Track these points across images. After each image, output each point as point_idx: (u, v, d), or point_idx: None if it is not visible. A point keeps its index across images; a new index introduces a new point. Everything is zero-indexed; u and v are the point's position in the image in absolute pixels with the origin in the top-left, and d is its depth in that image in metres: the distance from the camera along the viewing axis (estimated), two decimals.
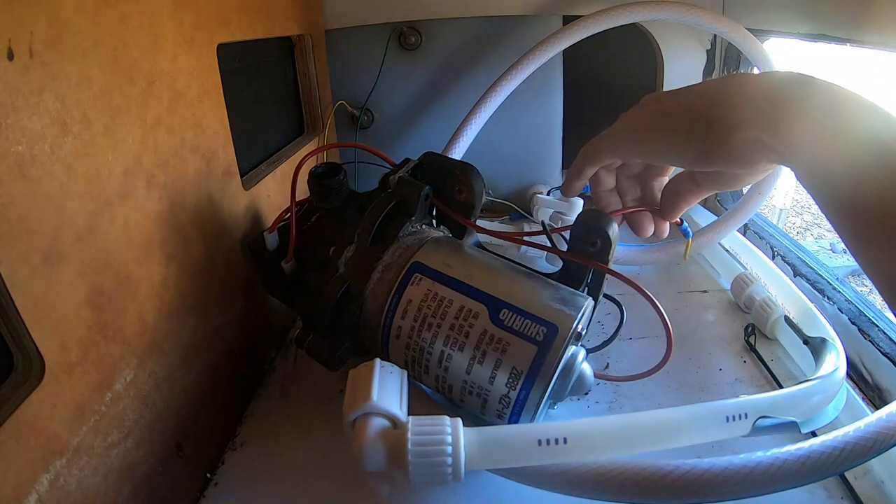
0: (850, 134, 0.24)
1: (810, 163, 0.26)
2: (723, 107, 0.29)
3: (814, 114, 0.26)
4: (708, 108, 0.29)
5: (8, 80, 0.22)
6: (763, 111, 0.27)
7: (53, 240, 0.24)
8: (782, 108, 0.27)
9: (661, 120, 0.32)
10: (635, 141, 0.33)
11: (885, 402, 0.39)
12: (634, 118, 0.33)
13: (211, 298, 0.39)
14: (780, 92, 0.27)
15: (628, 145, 0.34)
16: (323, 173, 0.39)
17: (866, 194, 0.23)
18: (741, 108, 0.28)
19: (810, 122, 0.26)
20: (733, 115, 0.28)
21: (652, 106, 0.33)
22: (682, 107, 0.30)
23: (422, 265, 0.36)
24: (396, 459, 0.27)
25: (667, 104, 0.31)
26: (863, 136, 0.24)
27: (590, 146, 0.36)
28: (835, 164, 0.24)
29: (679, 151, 0.31)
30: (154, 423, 0.32)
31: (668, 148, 0.32)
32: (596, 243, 0.37)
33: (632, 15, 0.56)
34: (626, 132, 0.34)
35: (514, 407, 0.33)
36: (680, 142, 0.31)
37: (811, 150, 0.25)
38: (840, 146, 0.24)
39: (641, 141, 0.33)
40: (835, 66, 0.46)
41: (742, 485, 0.26)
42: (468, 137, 0.59)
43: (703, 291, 0.58)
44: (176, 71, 0.34)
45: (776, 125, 0.27)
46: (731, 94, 0.29)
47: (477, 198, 0.41)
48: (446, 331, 0.34)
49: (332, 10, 0.66)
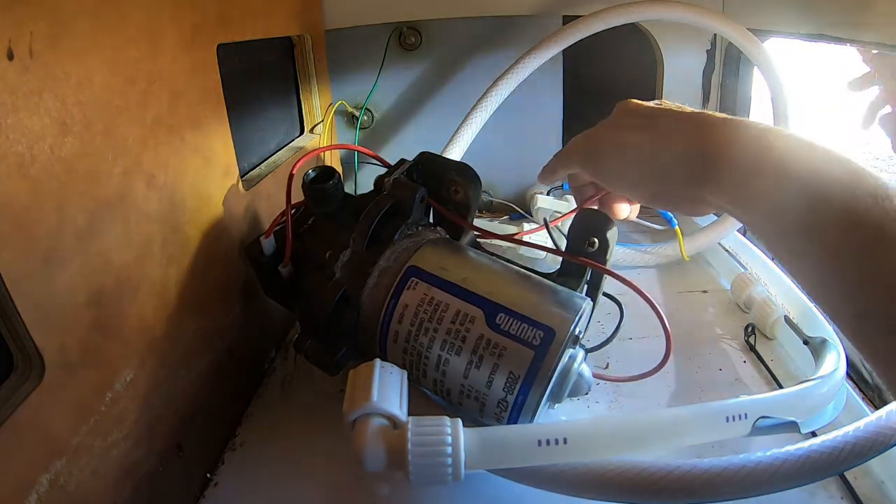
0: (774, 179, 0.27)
1: (752, 218, 0.29)
2: (676, 160, 0.31)
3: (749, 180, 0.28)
4: (665, 157, 0.31)
5: (8, 80, 0.22)
6: (709, 174, 0.29)
7: (53, 240, 0.24)
8: (724, 170, 0.29)
9: (626, 156, 0.33)
10: (597, 169, 0.36)
11: (885, 402, 0.39)
12: (602, 141, 0.35)
13: (211, 298, 0.39)
14: (723, 151, 0.29)
15: (592, 170, 0.36)
16: (316, 178, 0.39)
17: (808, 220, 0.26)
18: (691, 168, 0.30)
19: (746, 187, 0.28)
20: (685, 172, 0.30)
21: (617, 134, 0.34)
22: (646, 148, 0.32)
23: (418, 269, 0.36)
24: (396, 460, 0.27)
25: (635, 138, 0.33)
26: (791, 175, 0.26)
27: (563, 153, 0.38)
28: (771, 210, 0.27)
29: (632, 190, 0.35)
30: (154, 423, 0.32)
31: (623, 185, 0.35)
32: (594, 244, 0.37)
33: (631, 15, 0.56)
34: (592, 157, 0.36)
35: (512, 411, 0.33)
36: (635, 182, 0.33)
37: (750, 208, 0.28)
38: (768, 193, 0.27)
39: (602, 171, 0.35)
40: (835, 67, 0.46)
41: (742, 485, 0.26)
42: (467, 137, 0.59)
43: (703, 291, 0.58)
44: (176, 71, 0.34)
45: (717, 190, 0.29)
46: (692, 147, 0.30)
47: (473, 198, 0.40)
48: (443, 335, 0.34)
49: (332, 10, 0.66)
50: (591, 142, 0.35)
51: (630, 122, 0.33)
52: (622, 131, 0.34)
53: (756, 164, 0.27)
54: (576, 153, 0.36)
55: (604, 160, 0.35)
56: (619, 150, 0.33)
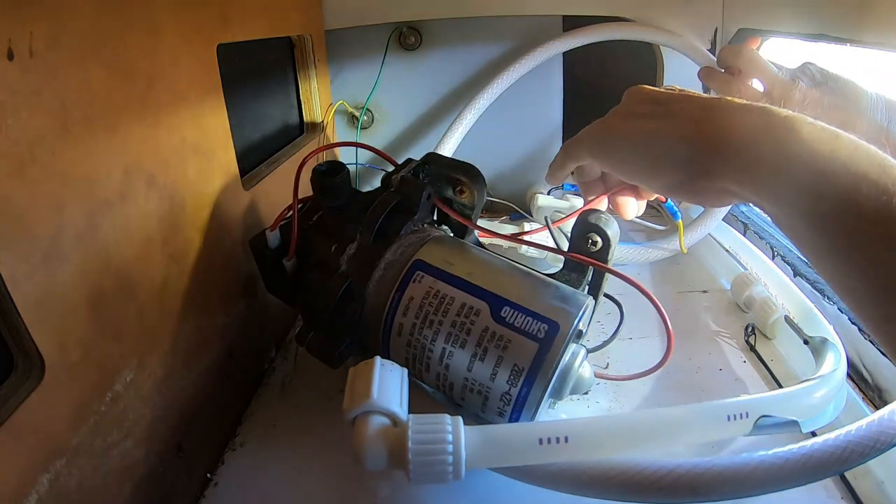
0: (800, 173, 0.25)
1: (778, 211, 0.27)
2: (695, 150, 0.29)
3: (774, 166, 0.26)
4: (687, 144, 0.29)
5: (8, 80, 0.22)
6: (731, 164, 0.28)
7: (53, 240, 0.24)
8: (746, 160, 0.27)
9: (642, 144, 0.32)
10: (612, 158, 0.34)
11: (885, 402, 0.39)
12: (616, 130, 0.33)
13: (211, 298, 0.39)
14: (746, 139, 0.27)
15: (605, 160, 0.34)
16: (327, 171, 0.39)
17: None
18: (710, 157, 0.28)
19: (770, 178, 0.26)
20: (703, 161, 0.29)
21: (630, 122, 0.32)
22: (663, 136, 0.30)
23: (423, 263, 0.36)
24: (397, 458, 0.27)
25: (650, 125, 0.31)
26: (820, 167, 0.25)
27: (573, 144, 0.36)
28: (794, 203, 0.26)
29: (649, 180, 0.33)
30: (154, 423, 0.32)
31: (640, 175, 0.33)
32: (597, 243, 0.37)
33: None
34: (606, 146, 0.34)
35: (516, 404, 0.33)
36: (653, 172, 0.32)
37: (775, 199, 0.27)
38: (793, 185, 0.25)
39: (617, 160, 0.34)
40: (835, 66, 0.46)
41: (742, 484, 0.26)
42: (457, 136, 0.59)
43: (703, 291, 0.58)
44: (176, 71, 0.34)
45: (742, 179, 0.28)
46: (712, 134, 0.29)
47: (478, 198, 0.41)
48: (448, 328, 0.34)
49: (332, 10, 0.66)
50: (603, 131, 0.34)
51: (642, 110, 0.32)
52: (635, 120, 0.32)
53: (778, 154, 0.26)
54: (587, 143, 0.35)
55: (616, 150, 0.33)
56: (633, 138, 0.32)
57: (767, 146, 0.26)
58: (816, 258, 0.27)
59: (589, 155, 0.35)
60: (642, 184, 0.35)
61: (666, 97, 0.32)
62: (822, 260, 0.26)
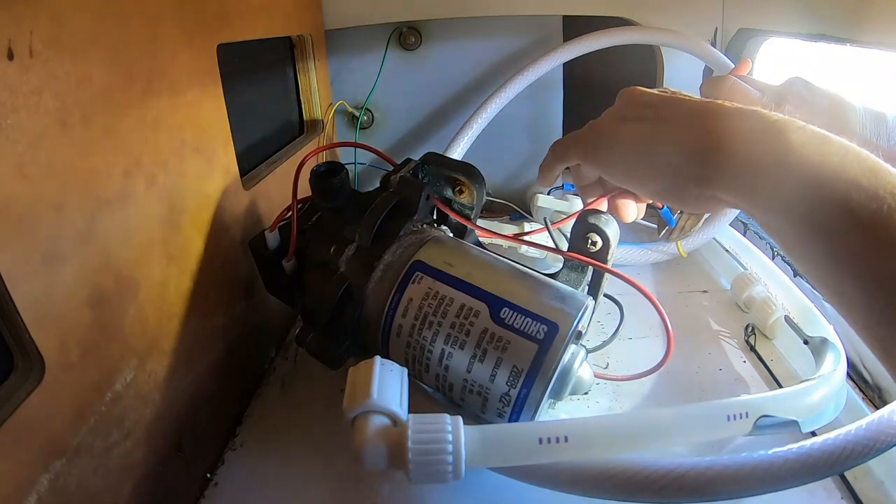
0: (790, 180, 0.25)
1: (766, 218, 0.27)
2: (684, 156, 0.29)
3: (764, 175, 0.26)
4: (677, 151, 0.29)
5: (8, 80, 0.22)
6: (720, 170, 0.28)
7: (53, 240, 0.24)
8: (734, 167, 0.27)
9: (631, 149, 0.31)
10: (602, 162, 0.34)
11: (885, 402, 0.39)
12: (607, 133, 0.33)
13: (211, 298, 0.39)
14: (734, 145, 0.27)
15: (596, 163, 0.34)
16: (325, 172, 0.39)
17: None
18: (700, 163, 0.29)
19: (759, 187, 0.26)
20: (693, 168, 0.29)
21: (621, 125, 0.32)
22: (653, 141, 0.30)
23: (423, 264, 0.36)
24: (397, 458, 0.27)
25: (641, 130, 0.31)
26: (807, 174, 0.25)
27: (559, 144, 0.36)
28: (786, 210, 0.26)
29: (639, 185, 0.33)
30: (154, 423, 0.32)
31: (630, 179, 0.33)
32: (596, 243, 0.37)
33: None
34: (597, 149, 0.34)
35: (515, 405, 0.33)
36: (643, 177, 0.32)
37: (763, 207, 0.27)
38: (781, 192, 0.26)
39: (607, 164, 0.34)
40: (834, 67, 0.46)
41: (742, 484, 0.26)
42: (467, 140, 0.59)
43: (703, 291, 0.58)
44: (176, 71, 0.34)
45: (732, 186, 0.28)
46: (702, 141, 0.28)
47: (478, 199, 0.41)
48: (447, 329, 0.34)
49: (332, 10, 0.66)
50: (593, 133, 0.34)
51: (634, 113, 0.32)
52: (626, 123, 0.32)
53: (768, 161, 0.26)
54: (577, 145, 0.35)
55: (607, 153, 0.33)
56: (623, 143, 0.32)
57: (758, 154, 0.26)
58: (807, 264, 0.27)
59: (578, 157, 0.35)
60: (632, 188, 0.34)
61: (658, 100, 0.31)
62: (813, 266, 0.26)
